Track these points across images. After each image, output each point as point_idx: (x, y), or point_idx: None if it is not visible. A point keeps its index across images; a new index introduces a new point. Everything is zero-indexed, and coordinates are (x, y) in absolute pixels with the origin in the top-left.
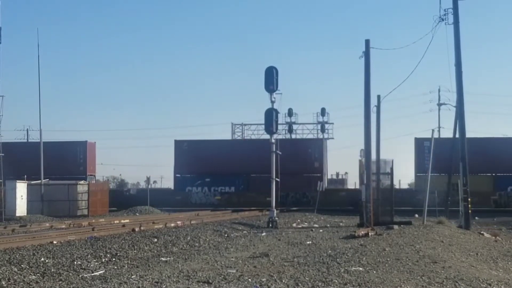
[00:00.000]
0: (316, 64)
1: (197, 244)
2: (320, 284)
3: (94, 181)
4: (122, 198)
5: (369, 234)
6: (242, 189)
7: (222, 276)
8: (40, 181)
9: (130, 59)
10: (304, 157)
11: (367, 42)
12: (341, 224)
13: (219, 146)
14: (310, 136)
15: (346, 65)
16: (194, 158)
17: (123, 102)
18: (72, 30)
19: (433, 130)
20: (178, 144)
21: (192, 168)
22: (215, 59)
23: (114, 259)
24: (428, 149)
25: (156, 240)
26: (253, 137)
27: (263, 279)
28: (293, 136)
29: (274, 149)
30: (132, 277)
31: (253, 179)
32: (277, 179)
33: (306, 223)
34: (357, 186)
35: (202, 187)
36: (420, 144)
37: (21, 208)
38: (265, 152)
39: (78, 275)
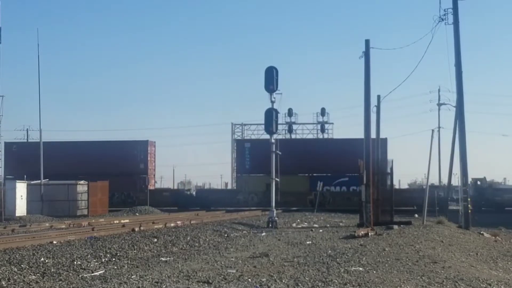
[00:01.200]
0: (316, 64)
1: (197, 244)
2: (320, 284)
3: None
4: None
5: (369, 234)
6: None
7: (222, 276)
8: (40, 181)
9: (130, 59)
10: (129, 159)
11: (367, 42)
12: (341, 224)
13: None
14: (310, 136)
15: (346, 65)
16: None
17: (123, 102)
18: (72, 30)
19: (433, 130)
20: (8, 145)
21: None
22: (215, 59)
23: (114, 259)
24: (249, 150)
25: (156, 240)
26: (253, 137)
27: (263, 279)
28: (293, 136)
29: (274, 149)
30: (132, 277)
31: None
32: (277, 179)
33: (306, 223)
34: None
35: None
36: (241, 146)
37: (21, 208)
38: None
39: (78, 275)
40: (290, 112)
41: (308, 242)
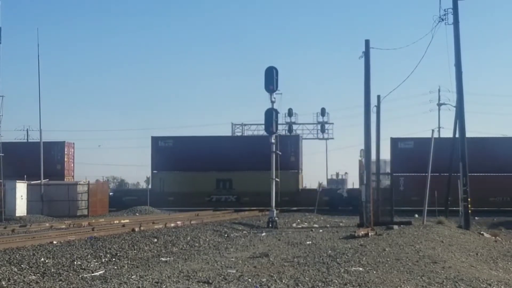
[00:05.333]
0: (316, 64)
1: (197, 244)
2: (320, 284)
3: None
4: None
5: (369, 234)
6: None
7: (222, 276)
8: (40, 181)
9: (130, 59)
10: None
11: (367, 42)
12: (341, 224)
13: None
14: (310, 136)
15: (346, 65)
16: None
17: (123, 102)
18: (72, 30)
19: (433, 130)
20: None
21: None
22: (215, 59)
23: (114, 259)
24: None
25: (156, 240)
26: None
27: (263, 279)
28: None
29: (274, 149)
30: (132, 277)
31: None
32: (277, 179)
33: (306, 223)
34: (356, 186)
35: None
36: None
37: (21, 208)
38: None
39: (78, 275)
40: (290, 112)
41: (308, 242)
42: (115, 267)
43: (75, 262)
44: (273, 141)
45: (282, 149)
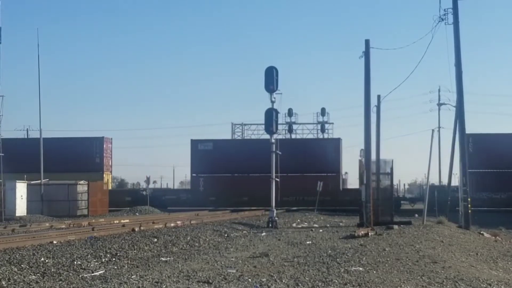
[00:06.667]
0: (316, 64)
1: (197, 244)
2: (320, 284)
3: None
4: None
5: (369, 234)
6: None
7: (222, 276)
8: (40, 181)
9: (130, 59)
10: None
11: (367, 42)
12: (341, 224)
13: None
14: (310, 136)
15: (346, 65)
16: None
17: (122, 102)
18: (72, 30)
19: (433, 130)
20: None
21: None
22: (215, 59)
23: (114, 259)
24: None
25: (156, 240)
26: (253, 137)
27: (263, 279)
28: (293, 136)
29: (274, 149)
30: (132, 277)
31: None
32: (277, 179)
33: (306, 223)
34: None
35: None
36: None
37: (21, 208)
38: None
39: (78, 275)
40: (290, 112)
41: (308, 242)
42: (115, 267)
43: (75, 262)
44: (273, 141)
45: (86, 151)
